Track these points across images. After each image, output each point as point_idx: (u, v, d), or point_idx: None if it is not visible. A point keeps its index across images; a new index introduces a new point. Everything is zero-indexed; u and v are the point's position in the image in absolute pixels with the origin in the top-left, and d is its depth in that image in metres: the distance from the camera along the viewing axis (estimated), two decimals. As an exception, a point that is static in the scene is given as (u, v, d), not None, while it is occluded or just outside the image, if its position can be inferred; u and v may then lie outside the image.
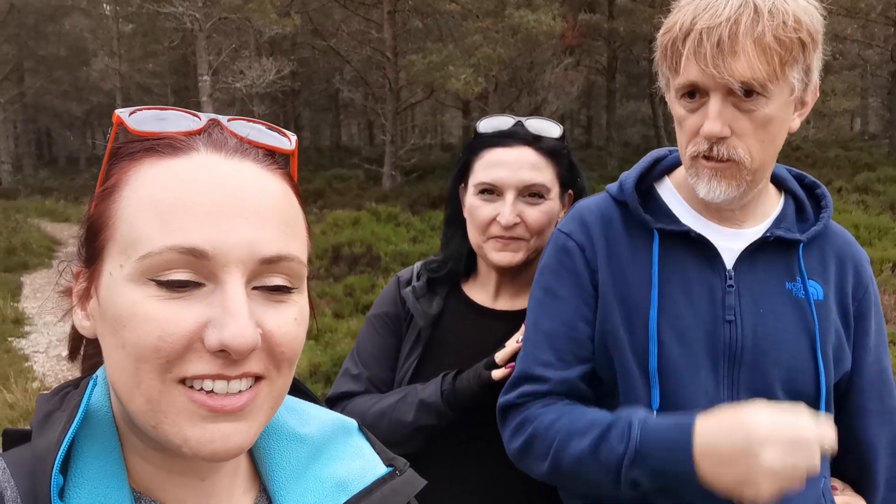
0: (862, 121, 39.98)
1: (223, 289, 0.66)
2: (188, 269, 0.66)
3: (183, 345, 0.65)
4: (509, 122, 1.76)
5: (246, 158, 0.72)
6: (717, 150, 1.31)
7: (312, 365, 6.88)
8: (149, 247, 0.65)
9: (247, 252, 0.67)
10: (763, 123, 1.30)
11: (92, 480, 0.70)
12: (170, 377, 0.65)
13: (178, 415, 0.66)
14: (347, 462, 0.87)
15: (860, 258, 1.52)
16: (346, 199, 18.92)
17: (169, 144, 0.71)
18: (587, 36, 25.36)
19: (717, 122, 1.28)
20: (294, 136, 0.81)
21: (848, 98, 24.20)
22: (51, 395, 0.76)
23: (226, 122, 0.75)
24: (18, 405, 6.30)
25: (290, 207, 0.74)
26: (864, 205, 14.85)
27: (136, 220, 0.67)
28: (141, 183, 0.69)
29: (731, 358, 1.40)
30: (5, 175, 28.45)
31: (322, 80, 30.87)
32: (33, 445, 0.71)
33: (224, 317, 0.65)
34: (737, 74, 1.25)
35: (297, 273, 0.72)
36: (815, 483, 1.43)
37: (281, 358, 0.70)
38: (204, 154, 0.70)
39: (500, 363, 1.61)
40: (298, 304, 0.73)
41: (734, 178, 1.33)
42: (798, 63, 1.29)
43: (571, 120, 41.58)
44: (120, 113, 0.73)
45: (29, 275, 12.75)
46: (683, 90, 1.34)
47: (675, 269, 1.43)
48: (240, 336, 0.64)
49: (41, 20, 32.23)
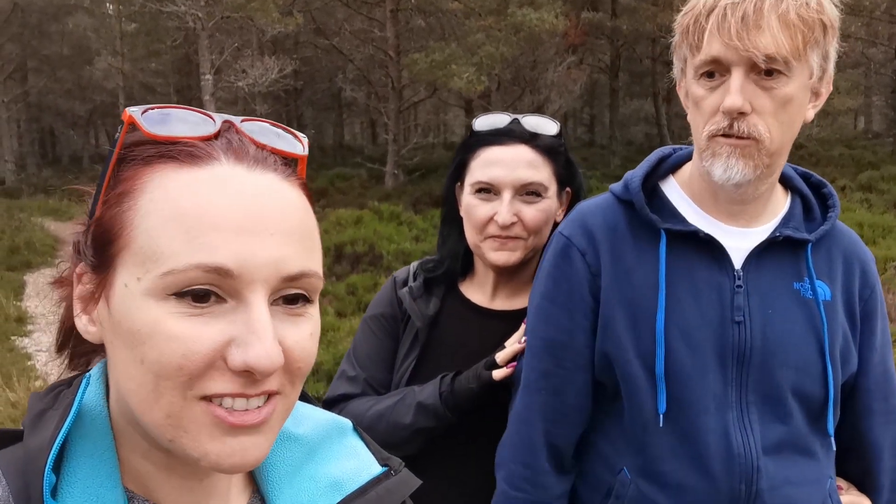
0: (866, 119, 39.92)
1: (247, 308, 0.65)
2: (211, 285, 0.65)
3: (206, 363, 0.64)
4: (505, 119, 1.74)
5: (267, 169, 0.70)
6: (737, 125, 1.29)
7: (315, 363, 6.87)
8: (172, 263, 0.64)
9: (273, 271, 0.66)
10: (783, 103, 1.29)
11: (84, 479, 0.69)
12: (191, 394, 0.65)
13: (199, 430, 0.66)
14: (342, 462, 0.86)
15: (866, 258, 1.51)
16: (349, 198, 18.93)
17: (189, 153, 0.68)
18: (590, 34, 25.32)
19: (739, 96, 1.27)
20: (305, 137, 0.79)
21: (852, 96, 24.15)
22: (43, 394, 0.75)
23: (239, 123, 0.73)
24: (21, 404, 6.30)
25: (309, 220, 0.73)
26: (868, 203, 14.83)
27: (158, 234, 0.65)
28: (161, 193, 0.67)
29: (740, 359, 1.38)
30: (9, 174, 28.49)
31: (325, 79, 30.89)
32: (25, 444, 0.70)
33: (249, 336, 0.64)
34: (761, 47, 1.24)
35: (316, 287, 0.72)
36: (820, 483, 1.43)
37: (297, 374, 0.70)
38: (226, 165, 0.69)
39: (501, 364, 1.60)
40: (314, 317, 0.72)
41: (752, 157, 1.31)
42: (819, 46, 1.29)
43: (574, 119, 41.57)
44: (132, 112, 0.70)
45: (32, 274, 12.77)
46: (704, 67, 1.32)
47: (683, 271, 1.42)
48: (265, 357, 0.64)
49: (45, 19, 32.28)
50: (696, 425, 1.38)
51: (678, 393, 1.38)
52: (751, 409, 1.39)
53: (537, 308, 1.53)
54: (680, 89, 1.45)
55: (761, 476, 1.36)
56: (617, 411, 1.47)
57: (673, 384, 1.38)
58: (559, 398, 1.50)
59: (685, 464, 1.38)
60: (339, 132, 40.96)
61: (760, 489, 1.36)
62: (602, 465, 1.50)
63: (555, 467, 1.51)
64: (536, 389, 1.51)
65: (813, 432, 1.42)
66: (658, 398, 1.38)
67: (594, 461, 1.52)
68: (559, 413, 1.50)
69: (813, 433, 1.42)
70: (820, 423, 1.42)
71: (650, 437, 1.41)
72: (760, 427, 1.38)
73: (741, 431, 1.38)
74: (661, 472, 1.40)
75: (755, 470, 1.36)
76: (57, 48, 34.46)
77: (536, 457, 1.50)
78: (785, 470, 1.39)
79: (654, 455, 1.41)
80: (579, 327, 1.47)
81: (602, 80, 32.50)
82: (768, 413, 1.39)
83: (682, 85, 1.44)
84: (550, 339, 1.50)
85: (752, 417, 1.39)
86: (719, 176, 1.34)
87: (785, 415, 1.39)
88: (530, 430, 1.51)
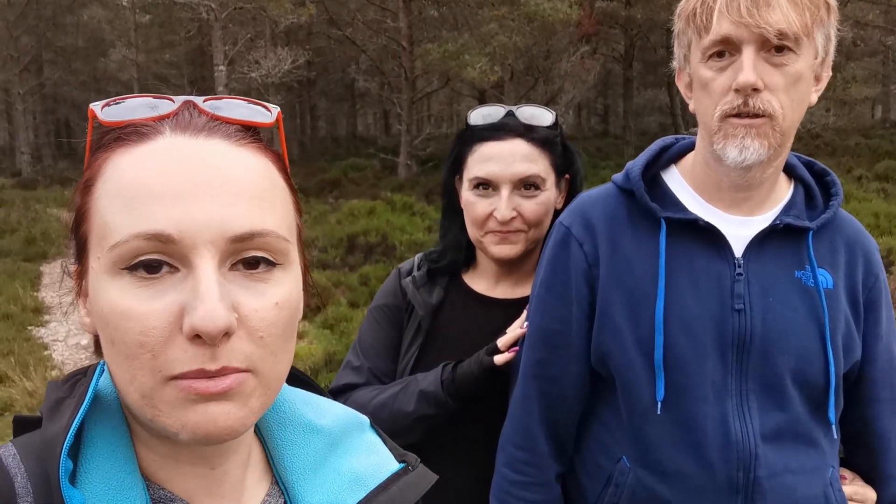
0: (883, 108, 39.42)
1: (194, 273, 0.64)
2: (159, 254, 0.65)
3: (165, 336, 0.64)
4: (500, 112, 1.74)
5: (213, 136, 0.70)
6: (752, 102, 1.29)
7: (328, 353, 6.90)
8: (116, 236, 0.65)
9: (216, 231, 0.65)
10: (794, 79, 1.30)
11: (103, 466, 0.70)
12: (161, 375, 0.65)
13: (172, 407, 0.66)
14: (363, 457, 0.86)
15: (870, 246, 1.50)
16: (362, 189, 18.93)
17: (134, 131, 0.70)
18: (604, 24, 25.14)
19: (752, 72, 1.27)
20: (276, 108, 0.78)
21: (869, 85, 23.89)
22: (61, 382, 0.76)
23: (201, 102, 0.73)
24: (38, 393, 6.37)
25: (264, 181, 0.70)
26: (885, 193, 14.66)
27: (106, 211, 0.67)
28: (110, 174, 0.68)
29: (740, 347, 1.38)
30: (25, 165, 28.66)
31: (338, 70, 30.84)
32: (43, 432, 0.71)
33: (194, 300, 0.63)
34: (773, 23, 1.25)
35: (277, 248, 0.69)
36: (821, 472, 1.42)
37: (262, 344, 0.67)
38: (169, 137, 0.69)
39: (502, 349, 1.61)
40: (284, 284, 0.70)
41: (767, 136, 1.31)
42: (823, 26, 1.31)
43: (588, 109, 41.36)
44: (93, 106, 0.72)
45: (48, 264, 12.86)
46: (714, 48, 1.32)
47: (683, 259, 1.42)
48: (208, 318, 0.62)
49: (59, 11, 32.39)
50: (695, 413, 1.38)
51: (676, 381, 1.38)
52: (750, 397, 1.39)
53: (537, 297, 1.55)
54: (680, 80, 1.45)
55: (759, 464, 1.36)
56: (615, 400, 1.47)
57: (671, 372, 1.38)
58: (556, 386, 1.51)
59: (683, 452, 1.39)
60: (353, 123, 40.96)
61: (758, 477, 1.36)
62: (601, 453, 1.50)
63: (553, 451, 1.53)
64: (533, 376, 1.53)
65: (814, 420, 1.42)
66: (657, 386, 1.39)
67: (594, 449, 1.53)
68: (556, 399, 1.52)
69: (814, 421, 1.42)
70: (821, 410, 1.42)
71: (648, 425, 1.41)
72: (760, 415, 1.38)
73: (740, 419, 1.37)
74: (660, 461, 1.41)
75: (753, 457, 1.36)
76: (72, 40, 34.60)
77: (535, 441, 1.52)
78: (784, 458, 1.38)
79: (653, 443, 1.41)
80: (575, 317, 1.48)
81: (616, 70, 32.26)
82: (768, 401, 1.39)
83: (684, 73, 1.43)
84: (547, 328, 1.51)
85: (752, 405, 1.38)
86: (734, 158, 1.33)
87: (785, 402, 1.39)
88: (528, 416, 1.53)
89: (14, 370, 6.96)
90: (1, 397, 6.39)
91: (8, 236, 14.49)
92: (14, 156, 31.77)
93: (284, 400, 0.86)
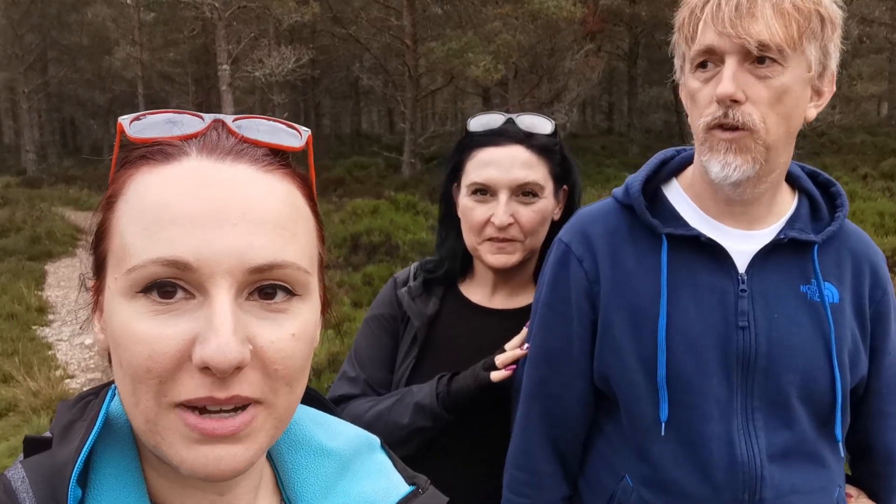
0: (889, 105, 39.20)
1: (210, 302, 0.63)
2: (175, 279, 0.63)
3: (173, 364, 0.62)
4: (500, 119, 1.74)
5: (240, 160, 0.68)
6: (731, 114, 1.27)
7: (331, 354, 6.89)
8: (134, 260, 0.63)
9: (235, 262, 0.63)
10: (778, 94, 1.27)
11: (111, 493, 0.69)
12: (165, 401, 0.63)
13: (174, 437, 0.64)
14: (374, 480, 0.85)
15: (877, 259, 1.48)
16: (366, 188, 18.96)
17: (160, 151, 0.68)
18: (608, 21, 25.11)
19: (731, 83, 1.26)
20: (307, 130, 0.75)
21: (875, 82, 23.79)
22: (72, 403, 0.75)
23: (231, 121, 0.71)
24: (42, 393, 6.39)
25: (289, 208, 0.69)
26: (890, 192, 14.58)
27: (126, 231, 0.65)
28: (133, 193, 0.67)
29: (745, 365, 1.36)
30: (30, 164, 28.75)
31: (342, 68, 30.85)
32: (53, 455, 0.70)
33: (207, 331, 0.62)
34: (754, 34, 1.23)
35: (297, 280, 0.67)
36: (828, 491, 1.40)
37: (276, 377, 0.66)
38: (195, 160, 0.67)
39: (500, 367, 1.59)
40: (301, 315, 0.68)
41: (749, 150, 1.29)
42: (816, 38, 1.27)
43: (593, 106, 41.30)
44: (121, 120, 0.70)
45: (53, 263, 12.90)
46: (699, 58, 1.31)
47: (685, 276, 1.39)
48: (220, 352, 0.61)
49: (64, 10, 32.48)
50: (699, 433, 1.36)
51: (680, 400, 1.36)
52: (756, 416, 1.36)
53: (537, 315, 1.53)
54: (682, 91, 1.43)
55: (765, 485, 1.34)
56: (618, 418, 1.45)
57: (675, 391, 1.36)
58: (558, 405, 1.49)
59: (688, 472, 1.36)
60: (357, 121, 41.00)
61: (764, 498, 1.34)
62: (605, 471, 1.48)
63: (556, 472, 1.51)
64: (535, 395, 1.51)
65: (820, 438, 1.40)
66: (660, 406, 1.36)
67: (597, 466, 1.51)
68: (559, 418, 1.50)
69: (821, 439, 1.40)
70: (828, 428, 1.40)
71: (652, 444, 1.39)
72: (766, 433, 1.36)
73: (746, 438, 1.35)
74: (664, 481, 1.39)
75: (759, 479, 1.34)
76: (76, 38, 34.68)
77: (535, 462, 1.50)
78: (791, 477, 1.36)
79: (657, 463, 1.39)
80: (576, 335, 1.46)
81: (620, 68, 32.23)
82: (774, 419, 1.37)
83: (682, 82, 1.42)
84: (548, 347, 1.50)
85: (758, 424, 1.36)
86: (717, 174, 1.31)
87: (791, 420, 1.37)
88: (530, 436, 1.51)
89: (18, 370, 6.98)
90: (5, 397, 6.41)
91: (13, 235, 14.51)
92: (19, 154, 31.89)
93: (296, 422, 0.84)
